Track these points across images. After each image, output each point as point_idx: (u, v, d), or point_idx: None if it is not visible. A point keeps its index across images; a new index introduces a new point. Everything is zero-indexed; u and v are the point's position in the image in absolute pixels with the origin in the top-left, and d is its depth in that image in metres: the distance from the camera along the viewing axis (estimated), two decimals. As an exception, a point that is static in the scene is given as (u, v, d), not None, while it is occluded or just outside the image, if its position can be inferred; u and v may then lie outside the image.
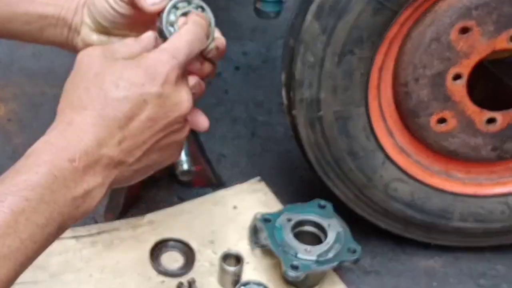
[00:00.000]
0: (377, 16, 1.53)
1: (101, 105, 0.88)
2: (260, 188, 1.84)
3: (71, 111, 0.90)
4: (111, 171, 0.90)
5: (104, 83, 0.89)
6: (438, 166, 1.78)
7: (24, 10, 1.09)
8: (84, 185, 0.87)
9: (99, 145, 0.88)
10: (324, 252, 1.59)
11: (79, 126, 0.88)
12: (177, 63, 0.91)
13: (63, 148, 0.87)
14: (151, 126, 0.90)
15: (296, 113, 1.65)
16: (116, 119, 0.88)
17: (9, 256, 0.82)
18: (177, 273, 1.64)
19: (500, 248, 1.89)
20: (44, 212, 0.84)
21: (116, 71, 0.90)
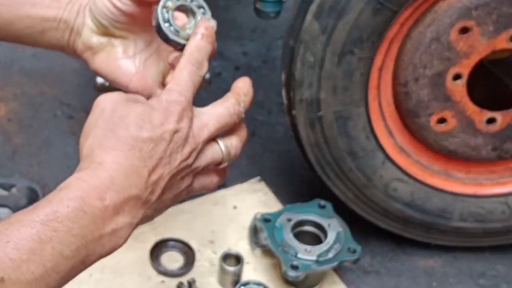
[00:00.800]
0: (377, 16, 1.53)
1: (128, 146, 0.92)
2: (260, 188, 1.84)
3: (101, 151, 0.92)
4: (138, 210, 0.93)
5: (129, 125, 0.93)
6: (438, 166, 1.78)
7: (26, 12, 1.10)
8: (112, 224, 0.90)
9: (129, 186, 0.91)
10: (324, 252, 1.59)
11: (110, 166, 0.91)
12: (185, 101, 0.95)
13: (95, 187, 0.89)
14: (169, 162, 0.93)
15: (296, 113, 1.65)
16: (141, 158, 0.92)
17: (32, 282, 0.84)
18: (177, 273, 1.64)
19: (500, 248, 1.89)
20: (70, 245, 0.86)
21: (138, 114, 0.93)
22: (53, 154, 2.04)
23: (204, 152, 0.97)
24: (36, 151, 2.04)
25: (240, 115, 1.00)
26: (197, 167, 0.97)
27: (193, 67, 0.98)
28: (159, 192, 0.94)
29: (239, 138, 1.02)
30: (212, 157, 0.99)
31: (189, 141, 0.95)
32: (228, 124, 0.99)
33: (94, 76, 1.97)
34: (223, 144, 1.00)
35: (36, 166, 2.00)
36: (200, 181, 1.00)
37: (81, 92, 2.23)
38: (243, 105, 1.01)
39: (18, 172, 1.97)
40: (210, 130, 0.97)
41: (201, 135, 0.96)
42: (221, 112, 0.99)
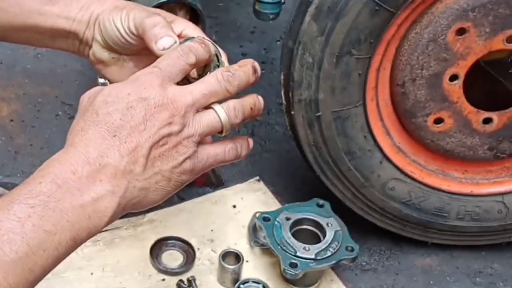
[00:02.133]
0: (374, 17, 1.53)
1: (94, 122, 0.92)
2: (259, 188, 1.85)
3: (72, 136, 0.93)
4: (119, 180, 0.91)
5: (95, 104, 0.93)
6: (435, 165, 1.79)
7: (34, 22, 1.10)
8: (91, 193, 0.89)
9: (99, 156, 0.90)
10: (323, 250, 1.60)
11: (79, 143, 0.91)
12: (158, 70, 0.94)
13: (65, 162, 0.90)
14: (144, 129, 0.92)
15: (295, 113, 1.65)
16: (110, 130, 0.91)
17: (17, 261, 0.83)
18: (177, 271, 1.65)
19: (496, 246, 1.89)
20: (50, 219, 0.86)
21: (105, 92, 0.94)
22: (55, 154, 2.04)
23: (196, 119, 0.95)
24: (38, 151, 2.05)
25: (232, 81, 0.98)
26: (191, 134, 0.94)
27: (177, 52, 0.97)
28: (143, 161, 0.92)
29: (238, 101, 0.99)
30: (208, 123, 0.96)
31: (166, 106, 0.93)
32: (217, 91, 0.97)
33: (95, 77, 1.98)
34: (218, 108, 0.97)
35: (38, 166, 1.97)
36: (208, 151, 0.97)
37: (83, 92, 2.21)
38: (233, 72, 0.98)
39: (20, 172, 1.97)
40: (195, 95, 0.95)
41: (182, 100, 0.94)
42: (207, 79, 0.97)
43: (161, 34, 1.01)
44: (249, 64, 1.01)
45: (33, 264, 0.85)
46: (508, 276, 1.87)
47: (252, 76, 1.01)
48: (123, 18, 1.05)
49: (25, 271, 0.84)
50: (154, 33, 1.01)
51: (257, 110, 1.01)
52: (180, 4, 1.69)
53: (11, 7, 1.10)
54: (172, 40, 1.01)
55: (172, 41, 1.01)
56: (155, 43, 1.01)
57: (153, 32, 1.01)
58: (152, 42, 1.01)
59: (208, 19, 1.97)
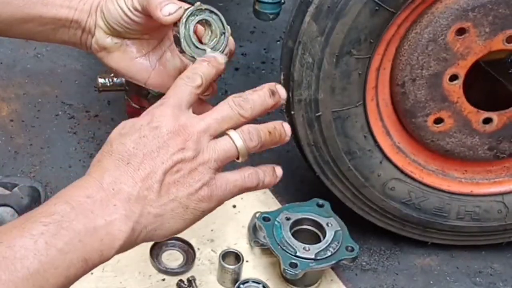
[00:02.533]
0: (374, 17, 1.53)
1: (109, 153, 0.93)
2: (259, 188, 1.85)
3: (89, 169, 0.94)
4: (132, 205, 0.91)
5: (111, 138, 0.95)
6: (435, 165, 1.79)
7: (38, 12, 1.11)
8: (105, 216, 0.89)
9: (114, 182, 0.91)
10: (323, 250, 1.60)
11: (95, 173, 0.92)
12: (167, 100, 0.95)
13: (81, 186, 0.91)
14: (157, 156, 0.92)
15: (295, 113, 1.65)
16: (124, 159, 0.92)
17: (28, 278, 0.84)
18: (177, 271, 1.65)
19: (496, 246, 1.90)
20: (62, 238, 0.86)
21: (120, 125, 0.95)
22: (55, 153, 2.05)
23: (211, 145, 0.95)
24: (38, 151, 2.05)
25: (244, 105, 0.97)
26: (206, 160, 0.94)
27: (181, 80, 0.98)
28: (158, 187, 0.92)
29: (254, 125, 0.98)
30: (224, 148, 0.96)
31: (179, 133, 0.93)
32: (230, 116, 0.96)
33: (95, 77, 1.98)
34: (233, 133, 0.96)
35: (38, 165, 2.00)
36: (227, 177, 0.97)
37: (83, 92, 2.24)
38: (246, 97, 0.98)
39: (20, 171, 1.98)
40: (207, 121, 0.95)
41: (194, 126, 0.94)
42: (219, 105, 0.97)
43: (166, 2, 1.01)
44: (266, 88, 1.01)
45: (44, 281, 0.85)
46: (508, 276, 1.87)
47: (269, 98, 1.00)
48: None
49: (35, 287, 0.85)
50: (158, 1, 1.01)
51: (278, 135, 1.00)
52: (180, 4, 1.69)
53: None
54: (177, 6, 1.01)
55: (176, 7, 1.01)
56: (160, 10, 1.01)
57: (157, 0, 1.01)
58: (157, 10, 1.01)
59: (208, 19, 1.97)
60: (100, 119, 2.15)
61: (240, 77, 2.33)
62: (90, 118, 2.15)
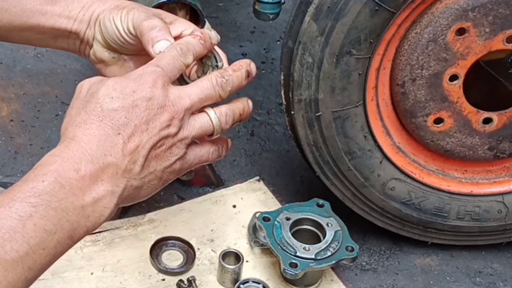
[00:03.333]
0: (374, 17, 1.53)
1: (99, 117, 0.93)
2: (259, 187, 1.85)
3: (73, 128, 0.93)
4: (119, 179, 0.93)
5: (99, 98, 0.94)
6: (435, 165, 1.79)
7: (36, 21, 1.11)
8: (92, 193, 0.90)
9: (103, 154, 0.91)
10: (323, 250, 1.60)
11: (82, 138, 0.92)
12: (161, 71, 0.96)
13: (68, 159, 0.90)
14: (146, 129, 0.94)
15: (295, 113, 1.65)
16: (114, 127, 0.92)
17: (18, 260, 0.84)
18: (177, 271, 1.65)
19: (496, 246, 1.90)
20: (51, 218, 0.87)
21: (109, 85, 0.94)
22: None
23: (190, 122, 0.97)
24: (38, 151, 2.05)
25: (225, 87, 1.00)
26: (185, 137, 0.97)
27: (176, 52, 0.99)
28: (142, 162, 0.94)
29: (229, 107, 1.02)
30: (201, 126, 0.99)
31: (167, 108, 0.95)
32: (211, 96, 0.99)
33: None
34: (212, 113, 1.00)
35: (38, 165, 2.01)
36: (195, 152, 1.00)
37: (82, 92, 2.24)
38: (227, 78, 1.01)
39: (20, 171, 1.98)
40: (193, 99, 0.97)
41: (181, 103, 0.96)
42: (204, 84, 0.99)
43: (158, 38, 1.02)
44: (244, 68, 1.03)
45: (32, 262, 0.86)
46: (508, 276, 1.87)
47: (244, 80, 1.03)
48: (122, 17, 1.06)
49: (24, 269, 0.85)
50: (151, 36, 1.02)
51: (245, 115, 1.04)
52: (180, 4, 1.69)
53: (13, 7, 1.11)
54: (168, 43, 1.02)
55: (167, 44, 1.02)
56: (151, 46, 1.02)
57: (150, 35, 1.02)
58: (149, 45, 1.02)
59: (208, 19, 1.97)
60: (100, 119, 2.15)
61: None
62: (90, 118, 2.15)
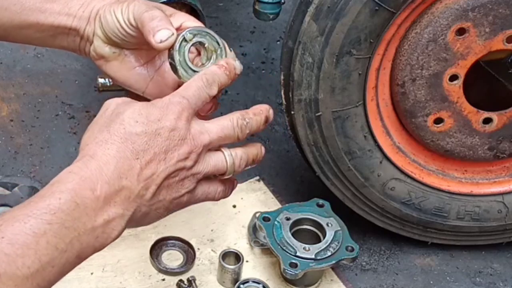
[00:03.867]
0: (374, 17, 1.53)
1: (121, 139, 0.94)
2: (259, 187, 1.85)
3: (94, 145, 0.94)
4: (130, 203, 0.94)
5: (124, 119, 0.95)
6: (435, 165, 1.79)
7: (35, 19, 1.11)
8: (104, 215, 0.91)
9: (119, 177, 0.92)
10: (323, 250, 1.60)
11: (101, 158, 0.92)
12: (187, 103, 0.97)
13: (86, 178, 0.91)
14: (164, 158, 0.95)
15: (295, 113, 1.65)
16: (134, 151, 0.93)
17: (28, 277, 0.85)
18: (177, 271, 1.65)
19: (496, 246, 1.90)
20: (64, 238, 0.88)
21: (136, 110, 0.96)
22: (55, 153, 2.05)
23: (206, 158, 0.99)
24: (38, 151, 2.05)
25: (244, 129, 1.02)
26: (199, 172, 0.99)
27: (202, 83, 1.01)
28: (154, 189, 0.95)
29: (245, 151, 1.04)
30: (216, 165, 1.01)
31: (188, 142, 0.96)
32: (230, 136, 1.01)
33: (95, 77, 1.98)
34: (228, 153, 1.02)
35: (38, 165, 2.01)
36: (204, 189, 1.02)
37: (83, 92, 2.24)
38: (248, 121, 1.03)
39: (20, 171, 1.98)
40: (212, 137, 0.99)
41: (201, 138, 0.98)
42: (225, 123, 1.01)
43: (159, 27, 1.02)
44: (264, 114, 1.06)
45: (41, 279, 0.87)
46: (508, 276, 1.87)
47: (262, 125, 1.06)
48: (123, 10, 1.07)
49: (33, 286, 0.86)
50: (152, 26, 1.03)
51: (258, 160, 1.07)
52: (180, 4, 1.69)
53: (12, 5, 1.11)
54: (170, 32, 1.03)
55: (169, 33, 1.03)
56: (152, 36, 1.02)
57: (151, 25, 1.03)
58: (150, 35, 1.02)
59: (208, 19, 1.97)
60: (100, 119, 2.15)
61: (240, 77, 2.32)
62: (90, 118, 2.15)
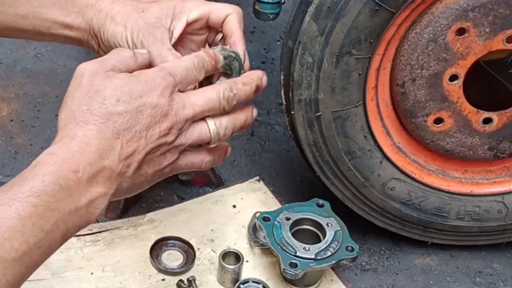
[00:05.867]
0: (374, 17, 1.53)
1: (102, 119, 0.93)
2: (259, 187, 1.85)
3: (74, 125, 0.94)
4: (112, 182, 0.94)
5: (105, 98, 0.94)
6: (435, 165, 1.79)
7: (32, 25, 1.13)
8: (87, 196, 0.92)
9: (101, 157, 0.92)
10: (323, 250, 1.60)
11: (82, 139, 0.92)
12: (172, 80, 0.97)
13: (68, 160, 0.91)
14: (145, 135, 0.95)
15: (295, 113, 1.65)
16: (115, 131, 0.93)
17: (17, 259, 0.86)
18: (177, 271, 1.65)
19: (496, 246, 1.90)
20: (49, 219, 0.88)
21: (118, 87, 0.94)
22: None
23: (188, 130, 0.99)
24: (38, 151, 2.04)
25: (231, 101, 1.01)
26: (181, 144, 0.98)
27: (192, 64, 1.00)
28: (136, 166, 0.95)
29: (231, 119, 1.03)
30: (199, 135, 1.00)
31: (169, 118, 0.96)
32: (215, 108, 1.00)
33: (95, 77, 1.98)
34: (211, 124, 1.01)
35: (38, 165, 2.01)
36: (188, 159, 1.02)
37: (82, 92, 2.24)
38: (235, 92, 1.02)
39: (20, 171, 1.97)
40: (196, 110, 0.98)
41: (184, 113, 0.97)
42: (210, 95, 1.00)
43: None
44: (254, 82, 1.05)
45: (29, 261, 0.87)
46: (508, 276, 1.87)
47: (252, 94, 1.05)
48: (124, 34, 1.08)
49: (22, 268, 0.86)
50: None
51: (247, 125, 1.06)
52: (180, 4, 1.69)
53: (6, 8, 1.11)
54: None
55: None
56: None
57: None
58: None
59: (208, 19, 1.97)
60: (100, 119, 2.15)
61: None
62: (90, 118, 2.15)
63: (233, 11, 1.12)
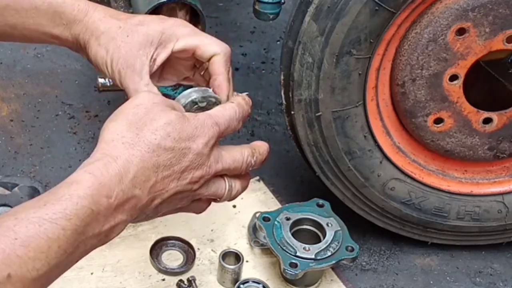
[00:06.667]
0: (374, 17, 1.53)
1: (148, 148, 0.94)
2: (259, 188, 1.85)
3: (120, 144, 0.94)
4: (135, 211, 0.95)
5: (157, 128, 0.95)
6: (435, 165, 1.79)
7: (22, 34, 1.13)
8: (111, 222, 0.93)
9: (134, 186, 0.93)
10: (323, 250, 1.60)
11: (123, 163, 0.93)
12: (218, 130, 1.00)
13: (104, 184, 0.91)
14: (179, 178, 0.97)
15: (295, 113, 1.65)
16: (156, 164, 0.95)
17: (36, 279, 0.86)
18: (177, 271, 1.65)
19: (496, 246, 1.90)
20: (73, 242, 0.89)
21: (171, 121, 0.96)
22: (55, 153, 2.05)
23: (209, 184, 1.02)
24: (38, 151, 2.05)
25: (250, 166, 1.05)
26: (200, 193, 1.02)
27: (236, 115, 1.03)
28: (159, 202, 0.97)
29: (242, 185, 1.07)
30: (216, 190, 1.03)
31: (204, 168, 0.98)
32: (237, 169, 1.04)
33: (95, 77, 1.98)
34: (229, 183, 1.04)
35: (38, 165, 2.01)
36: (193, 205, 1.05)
37: (83, 92, 2.24)
38: (255, 160, 1.06)
39: (20, 171, 1.98)
40: (224, 167, 1.01)
41: (215, 167, 1.00)
42: (237, 157, 1.03)
43: None
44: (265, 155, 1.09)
45: (46, 280, 0.88)
46: (508, 276, 1.87)
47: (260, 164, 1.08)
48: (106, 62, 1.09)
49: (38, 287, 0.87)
50: None
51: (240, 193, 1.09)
52: (180, 4, 1.69)
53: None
54: None
55: None
56: None
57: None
58: None
59: (208, 19, 1.97)
60: (100, 119, 2.15)
61: (240, 77, 2.33)
62: (90, 118, 2.15)
63: (220, 52, 1.10)
